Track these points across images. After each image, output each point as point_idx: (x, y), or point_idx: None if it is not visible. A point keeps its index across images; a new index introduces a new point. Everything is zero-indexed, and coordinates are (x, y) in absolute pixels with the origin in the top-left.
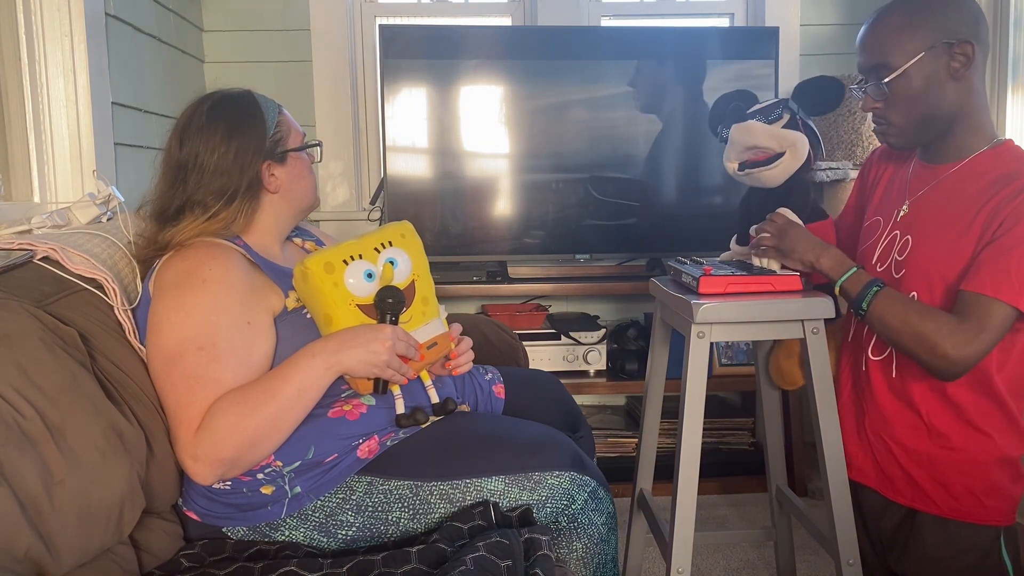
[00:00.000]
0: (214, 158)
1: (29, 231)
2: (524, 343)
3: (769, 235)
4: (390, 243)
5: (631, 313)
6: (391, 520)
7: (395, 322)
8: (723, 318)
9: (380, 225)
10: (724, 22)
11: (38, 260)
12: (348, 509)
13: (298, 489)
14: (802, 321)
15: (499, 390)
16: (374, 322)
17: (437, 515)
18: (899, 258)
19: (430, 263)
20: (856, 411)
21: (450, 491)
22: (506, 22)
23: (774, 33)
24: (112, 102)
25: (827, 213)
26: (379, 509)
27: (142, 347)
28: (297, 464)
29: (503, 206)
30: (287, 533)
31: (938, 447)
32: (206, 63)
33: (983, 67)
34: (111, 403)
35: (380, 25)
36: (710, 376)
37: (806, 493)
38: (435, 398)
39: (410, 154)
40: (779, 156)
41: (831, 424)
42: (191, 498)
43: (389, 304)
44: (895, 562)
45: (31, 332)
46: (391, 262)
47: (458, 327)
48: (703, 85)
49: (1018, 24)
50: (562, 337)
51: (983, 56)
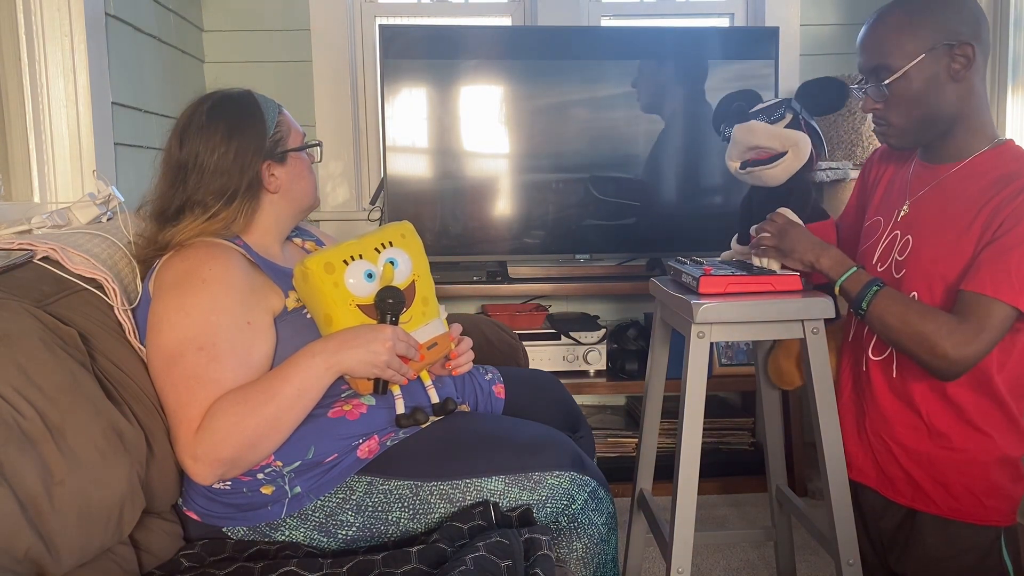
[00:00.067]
0: (214, 158)
1: (29, 231)
2: (524, 343)
3: (769, 235)
4: (390, 243)
5: (631, 313)
6: (391, 520)
7: (395, 322)
8: (723, 318)
9: (380, 225)
10: (724, 22)
11: (38, 260)
12: (348, 509)
13: (298, 489)
14: (802, 321)
15: (499, 390)
16: (374, 322)
17: (437, 515)
18: (899, 258)
19: (430, 263)
20: (856, 411)
21: (450, 491)
22: (506, 22)
23: (774, 33)
24: (112, 102)
25: (828, 213)
26: (379, 509)
27: (142, 347)
28: (297, 464)
29: (503, 206)
30: (287, 533)
31: (938, 447)
32: (206, 63)
33: (984, 68)
34: (111, 403)
35: (380, 25)
36: (710, 376)
37: (806, 493)
38: (435, 398)
39: (410, 154)
40: (781, 155)
41: (831, 424)
42: (191, 498)
43: (389, 304)
44: (895, 562)
45: (31, 332)
46: (391, 262)
47: (458, 327)
48: (703, 85)
49: (1018, 24)
50: (562, 337)
51: (984, 57)
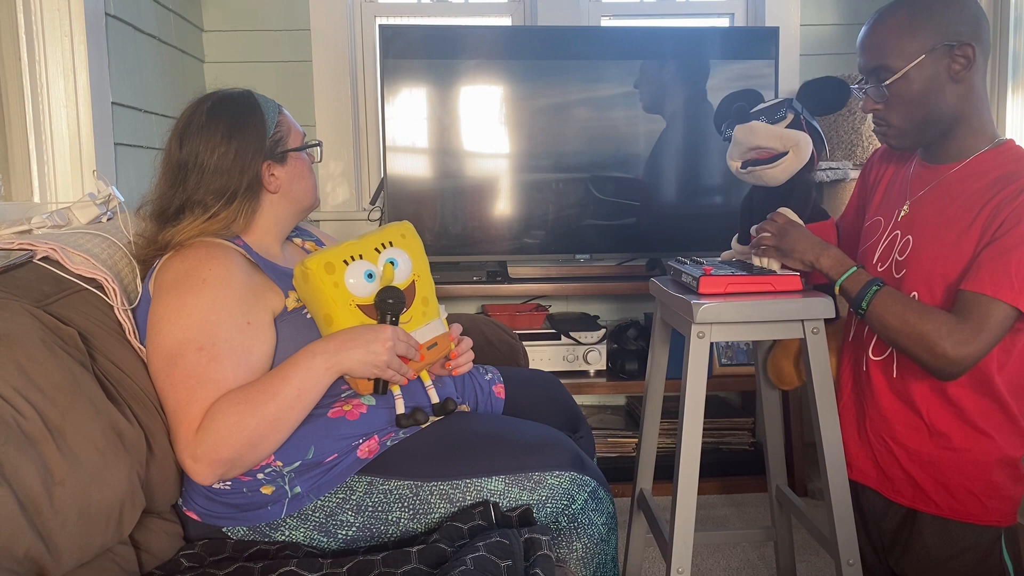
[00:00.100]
0: (214, 158)
1: (29, 231)
2: (524, 343)
3: (770, 234)
4: (391, 243)
5: (631, 313)
6: (391, 520)
7: (395, 322)
8: (723, 318)
9: (380, 225)
10: (724, 22)
11: (38, 260)
12: (348, 509)
13: (298, 489)
14: (802, 321)
15: (499, 390)
16: (374, 322)
17: (437, 515)
18: (899, 258)
19: (430, 263)
20: (857, 411)
21: (450, 491)
22: (506, 22)
23: (774, 33)
24: (112, 102)
25: (828, 213)
26: (379, 509)
27: (142, 347)
28: (297, 464)
29: (503, 206)
30: (287, 533)
31: (939, 447)
32: (206, 63)
33: (984, 68)
34: (111, 403)
35: (380, 25)
36: (710, 376)
37: (806, 493)
38: (435, 398)
39: (410, 154)
40: (782, 155)
41: (831, 424)
42: (191, 498)
43: (389, 304)
44: (895, 562)
45: (31, 332)
46: (391, 262)
47: (458, 327)
48: (703, 85)
49: (1018, 24)
50: (562, 337)
51: (984, 57)
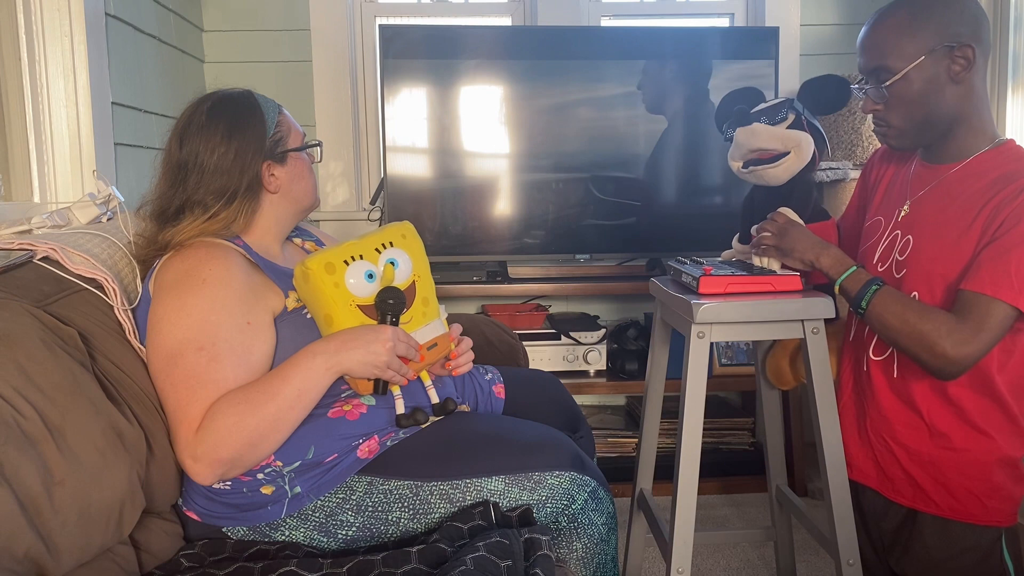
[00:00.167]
0: (214, 158)
1: (29, 231)
2: (524, 343)
3: (770, 234)
4: (391, 244)
5: (631, 313)
6: (391, 520)
7: (395, 323)
8: (723, 318)
9: (380, 225)
10: (724, 22)
11: (38, 260)
12: (348, 509)
13: (298, 489)
14: (802, 321)
15: (499, 390)
16: (375, 323)
17: (437, 515)
18: (900, 258)
19: (430, 263)
20: (857, 411)
21: (450, 491)
22: (506, 22)
23: (774, 33)
24: (112, 102)
25: (829, 214)
26: (379, 509)
27: (142, 347)
28: (297, 464)
29: (503, 206)
30: (287, 533)
31: (939, 447)
32: (206, 63)
33: (984, 69)
34: (111, 403)
35: (380, 25)
36: (710, 376)
37: (806, 493)
38: (435, 398)
39: (410, 154)
40: (784, 155)
41: (831, 424)
42: (191, 498)
43: (390, 305)
44: (895, 562)
45: (31, 332)
46: (392, 263)
47: (458, 327)
48: (703, 85)
49: (1018, 24)
50: (562, 337)
51: (984, 58)
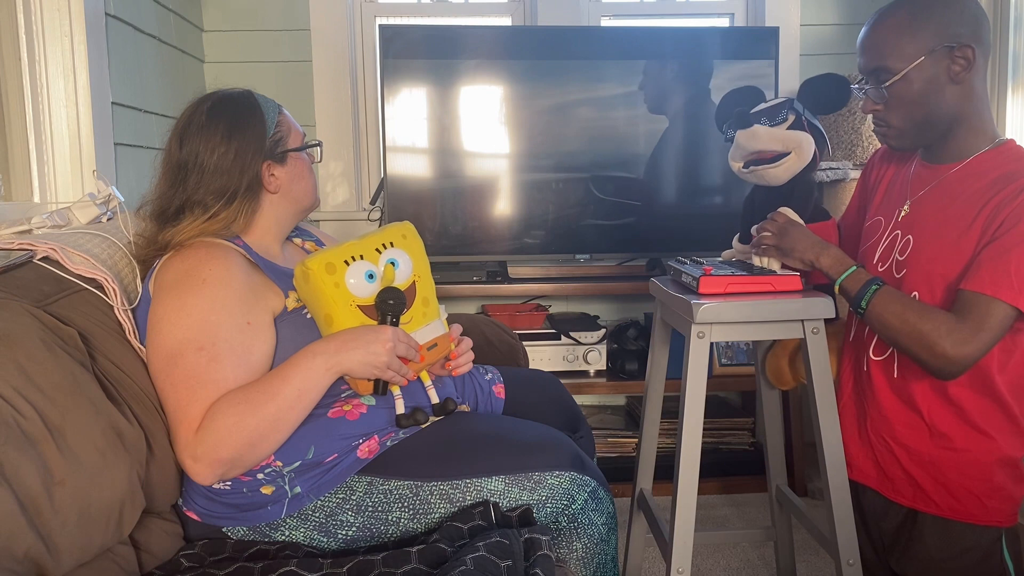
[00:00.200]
0: (214, 158)
1: (29, 231)
2: (524, 343)
3: (770, 233)
4: (391, 244)
5: (631, 313)
6: (391, 520)
7: (396, 323)
8: (723, 318)
9: (380, 225)
10: (724, 22)
11: (38, 260)
12: (348, 509)
13: (298, 489)
14: (802, 321)
15: (499, 390)
16: (375, 323)
17: (437, 515)
18: (900, 258)
19: (430, 263)
20: (857, 411)
21: (450, 491)
22: (506, 22)
23: (774, 33)
24: (112, 102)
25: (830, 214)
26: (379, 509)
27: (142, 347)
28: (297, 464)
29: (503, 206)
30: (287, 533)
31: (939, 448)
32: (206, 63)
33: (984, 69)
34: (111, 403)
35: (380, 25)
36: (710, 376)
37: (806, 493)
38: (435, 398)
39: (410, 154)
40: (785, 155)
41: (831, 424)
42: (191, 498)
43: (390, 305)
44: (896, 563)
45: (31, 332)
46: (392, 263)
47: (458, 328)
48: (703, 85)
49: (1018, 24)
50: (562, 337)
51: (984, 58)
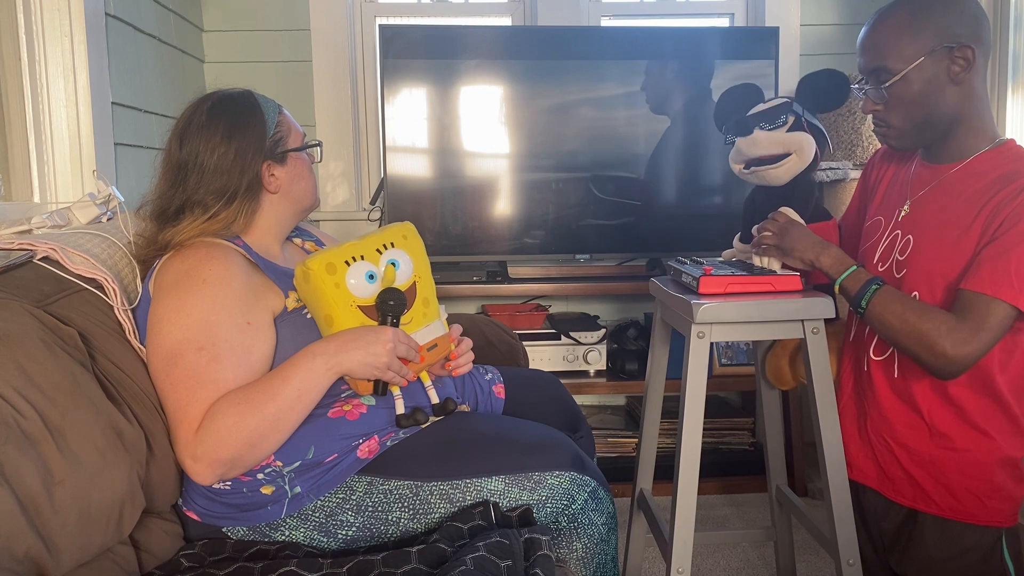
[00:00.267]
0: (214, 158)
1: (29, 231)
2: (524, 343)
3: (771, 233)
4: (392, 244)
5: (631, 313)
6: (391, 520)
7: (396, 324)
8: (723, 318)
9: (380, 225)
10: (724, 22)
11: (38, 260)
12: (348, 509)
13: (298, 489)
14: (802, 321)
15: (499, 390)
16: (375, 323)
17: (437, 515)
18: (900, 258)
19: (430, 263)
20: (857, 411)
21: (450, 491)
22: (506, 22)
23: (774, 33)
24: (112, 102)
25: (831, 214)
26: (379, 509)
27: (142, 347)
28: (297, 464)
29: (503, 206)
30: (287, 533)
31: (940, 448)
32: (206, 63)
33: (984, 69)
34: (111, 403)
35: (380, 25)
36: (710, 376)
37: (806, 493)
38: (435, 398)
39: (410, 154)
40: (786, 156)
41: (831, 424)
42: (191, 498)
43: (390, 306)
44: (896, 563)
45: (31, 332)
46: (393, 263)
47: (458, 328)
48: (703, 85)
49: (1018, 24)
50: (562, 337)
51: (984, 59)
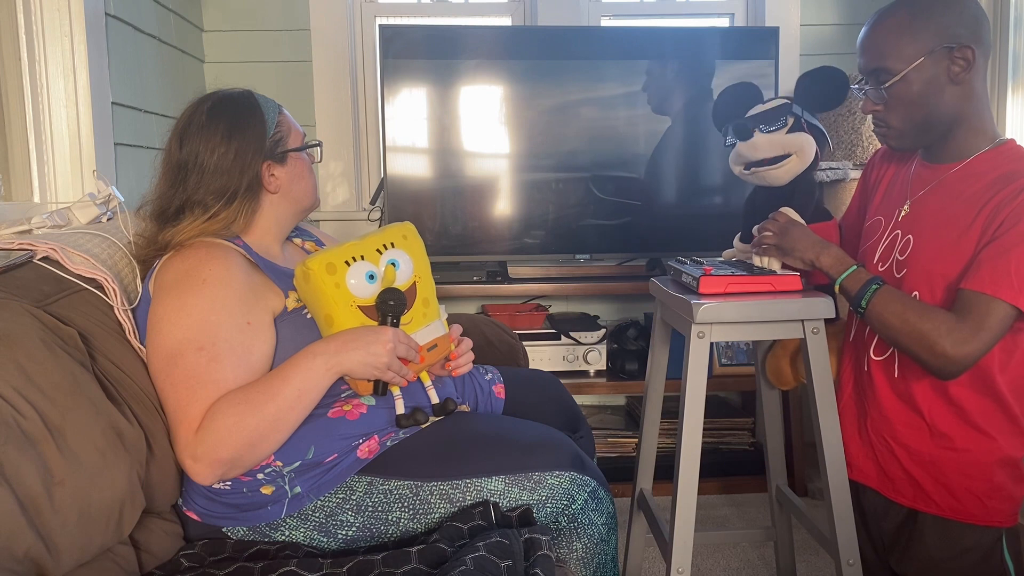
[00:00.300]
0: (214, 158)
1: (29, 231)
2: (524, 343)
3: (771, 233)
4: (392, 244)
5: (631, 313)
6: (391, 520)
7: (396, 324)
8: (723, 318)
9: (380, 225)
10: (724, 22)
11: (38, 260)
12: (348, 509)
13: (298, 489)
14: (802, 321)
15: (499, 390)
16: (375, 323)
17: (437, 515)
18: (900, 258)
19: (430, 263)
20: (858, 411)
21: (450, 491)
22: (506, 22)
23: (774, 33)
24: (112, 102)
25: (832, 214)
26: (379, 509)
27: (142, 347)
28: (297, 464)
29: (503, 206)
30: (287, 533)
31: (940, 448)
32: (206, 63)
33: (984, 69)
34: (111, 403)
35: (380, 25)
36: (710, 376)
37: (806, 493)
38: (435, 399)
39: (410, 154)
40: (786, 156)
41: (831, 424)
42: (191, 498)
43: (390, 306)
44: (896, 563)
45: (31, 332)
46: (393, 264)
47: (458, 328)
48: (703, 85)
49: (1018, 24)
50: (562, 337)
51: (984, 59)
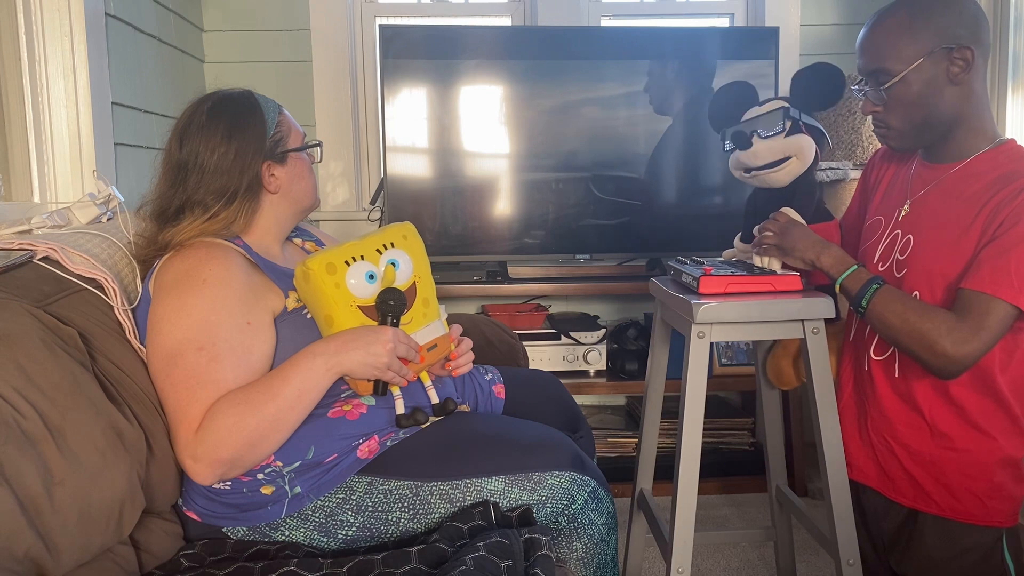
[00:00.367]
0: (214, 158)
1: (29, 231)
2: (524, 343)
3: (771, 233)
4: (392, 244)
5: (631, 313)
6: (391, 520)
7: (396, 324)
8: (723, 318)
9: (380, 225)
10: (724, 22)
11: (38, 260)
12: (348, 509)
13: (298, 489)
14: (802, 321)
15: (499, 390)
16: (375, 323)
17: (437, 515)
18: (900, 257)
19: (430, 263)
20: (858, 411)
21: (450, 491)
22: (506, 22)
23: (774, 33)
24: (112, 102)
25: (832, 214)
26: (379, 509)
27: (142, 347)
28: (297, 464)
29: (503, 206)
30: (287, 533)
31: (940, 448)
32: (206, 63)
33: (984, 70)
34: (111, 403)
35: (380, 25)
36: (710, 376)
37: (806, 493)
38: (435, 398)
39: (410, 154)
40: (786, 159)
41: (831, 424)
42: (191, 498)
43: (390, 306)
44: (896, 563)
45: (31, 332)
46: (393, 264)
47: (458, 328)
48: (704, 85)
49: (1018, 24)
50: (562, 337)
51: (983, 59)
